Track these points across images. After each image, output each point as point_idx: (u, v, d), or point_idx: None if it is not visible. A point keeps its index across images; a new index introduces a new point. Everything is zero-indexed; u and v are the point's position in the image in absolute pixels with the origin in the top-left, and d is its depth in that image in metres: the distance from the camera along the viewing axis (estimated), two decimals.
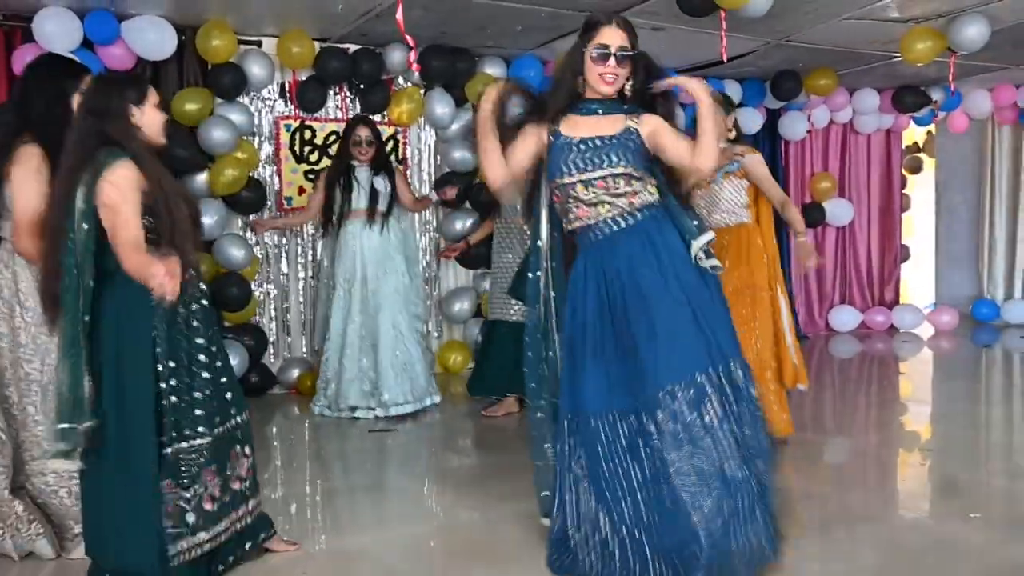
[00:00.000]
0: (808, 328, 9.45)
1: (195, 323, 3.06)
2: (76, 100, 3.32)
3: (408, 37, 4.86)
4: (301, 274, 6.94)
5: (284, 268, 6.87)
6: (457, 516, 4.01)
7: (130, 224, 2.86)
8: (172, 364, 2.96)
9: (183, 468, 2.96)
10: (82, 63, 3.67)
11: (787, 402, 4.83)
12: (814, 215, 9.32)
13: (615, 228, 3.11)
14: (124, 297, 2.91)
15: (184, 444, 2.97)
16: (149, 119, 3.06)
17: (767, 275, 4.69)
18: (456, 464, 5.10)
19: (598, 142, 3.09)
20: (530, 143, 3.22)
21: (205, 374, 3.05)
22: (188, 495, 2.98)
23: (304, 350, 6.94)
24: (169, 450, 2.94)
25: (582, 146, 3.10)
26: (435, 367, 7.19)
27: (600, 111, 3.14)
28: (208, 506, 3.05)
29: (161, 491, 2.92)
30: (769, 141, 9.09)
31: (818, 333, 9.52)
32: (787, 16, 6.16)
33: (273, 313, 6.85)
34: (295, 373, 6.65)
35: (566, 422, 3.15)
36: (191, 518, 2.98)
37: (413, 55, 5.14)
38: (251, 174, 6.43)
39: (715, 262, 3.13)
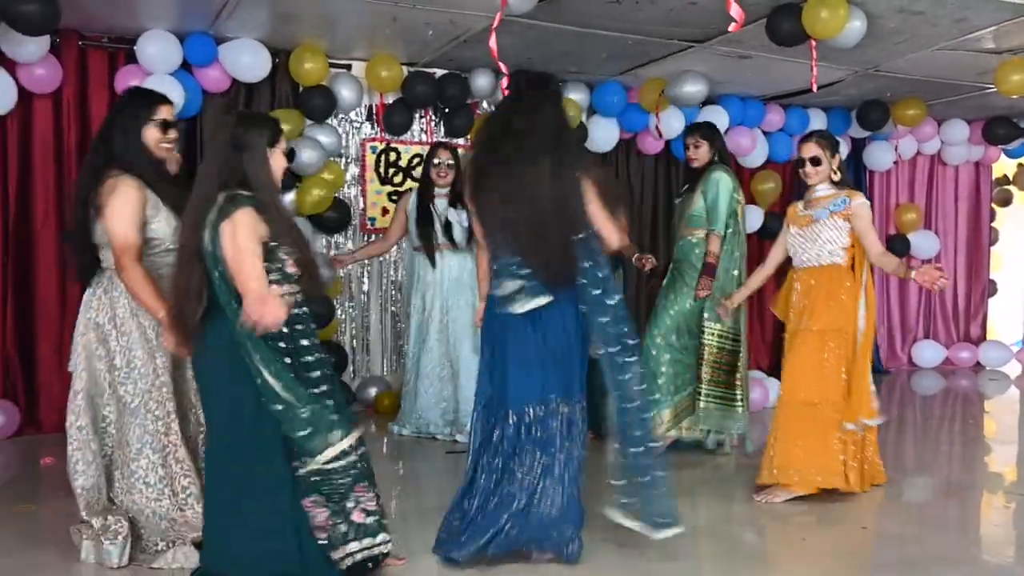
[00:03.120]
0: (890, 363, 9.25)
1: (308, 359, 3.20)
2: (149, 129, 3.54)
3: (502, 64, 4.93)
4: (381, 294, 7.05)
5: (365, 287, 6.99)
6: None
7: (255, 279, 2.98)
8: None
9: (324, 486, 3.12)
10: (158, 93, 3.82)
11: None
12: (898, 247, 9.14)
13: None
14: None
15: (316, 466, 3.10)
16: (277, 162, 3.20)
17: (855, 318, 4.53)
18: None
19: None
20: None
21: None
22: (334, 508, 3.15)
23: (383, 370, 7.04)
24: (303, 471, 3.09)
25: None
26: None
27: None
28: (358, 518, 3.21)
29: (303, 508, 3.09)
30: (854, 171, 8.95)
31: (900, 368, 9.32)
32: (877, 46, 6.09)
33: (353, 332, 6.97)
34: (373, 392, 6.75)
35: None
36: (343, 528, 3.17)
37: (505, 81, 5.21)
38: (336, 194, 6.57)
39: None
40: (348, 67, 6.68)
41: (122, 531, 3.46)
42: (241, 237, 2.97)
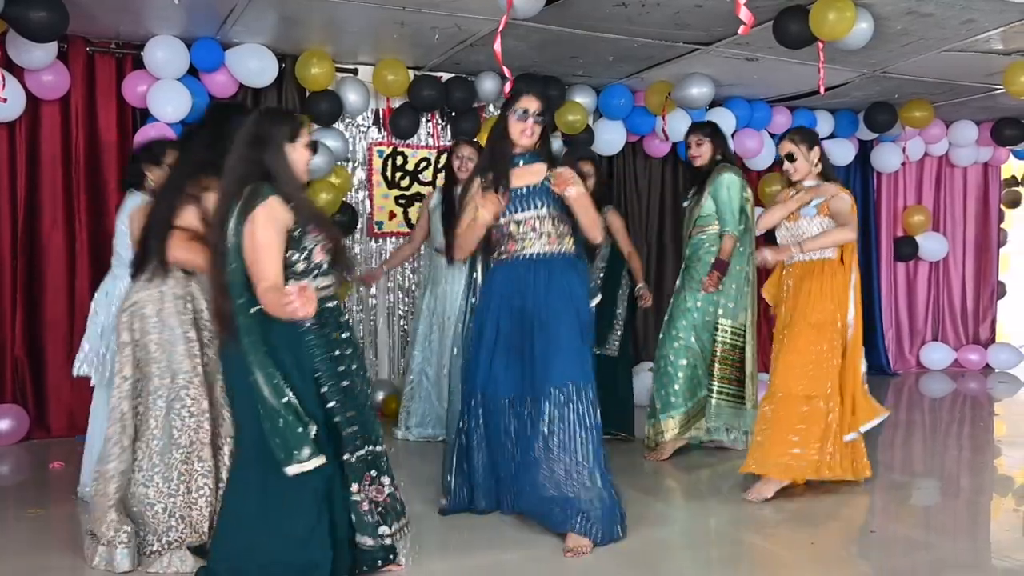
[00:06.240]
0: (899, 365, 9.22)
1: (341, 351, 3.25)
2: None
3: (505, 68, 4.93)
4: (389, 297, 7.05)
5: (373, 291, 6.99)
6: (543, 544, 4.01)
7: (270, 268, 3.02)
8: (332, 385, 3.18)
9: (379, 462, 3.29)
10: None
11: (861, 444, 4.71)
12: (906, 249, 9.13)
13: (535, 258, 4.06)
14: (282, 324, 3.03)
15: (357, 454, 3.24)
16: (299, 156, 3.24)
17: (846, 311, 4.57)
18: None
19: (524, 190, 3.99)
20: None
21: (353, 398, 3.28)
22: (361, 497, 3.27)
23: (390, 373, 7.04)
24: (348, 457, 3.22)
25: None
26: None
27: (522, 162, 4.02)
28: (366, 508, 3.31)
29: (351, 495, 3.22)
30: (861, 173, 8.96)
31: (909, 370, 9.28)
32: (884, 48, 6.07)
33: (360, 335, 6.98)
34: (380, 395, 6.74)
35: None
36: (368, 518, 3.29)
37: (509, 86, 5.22)
38: (343, 198, 6.57)
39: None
40: (354, 72, 6.69)
41: (128, 538, 3.47)
42: (262, 228, 3.02)
